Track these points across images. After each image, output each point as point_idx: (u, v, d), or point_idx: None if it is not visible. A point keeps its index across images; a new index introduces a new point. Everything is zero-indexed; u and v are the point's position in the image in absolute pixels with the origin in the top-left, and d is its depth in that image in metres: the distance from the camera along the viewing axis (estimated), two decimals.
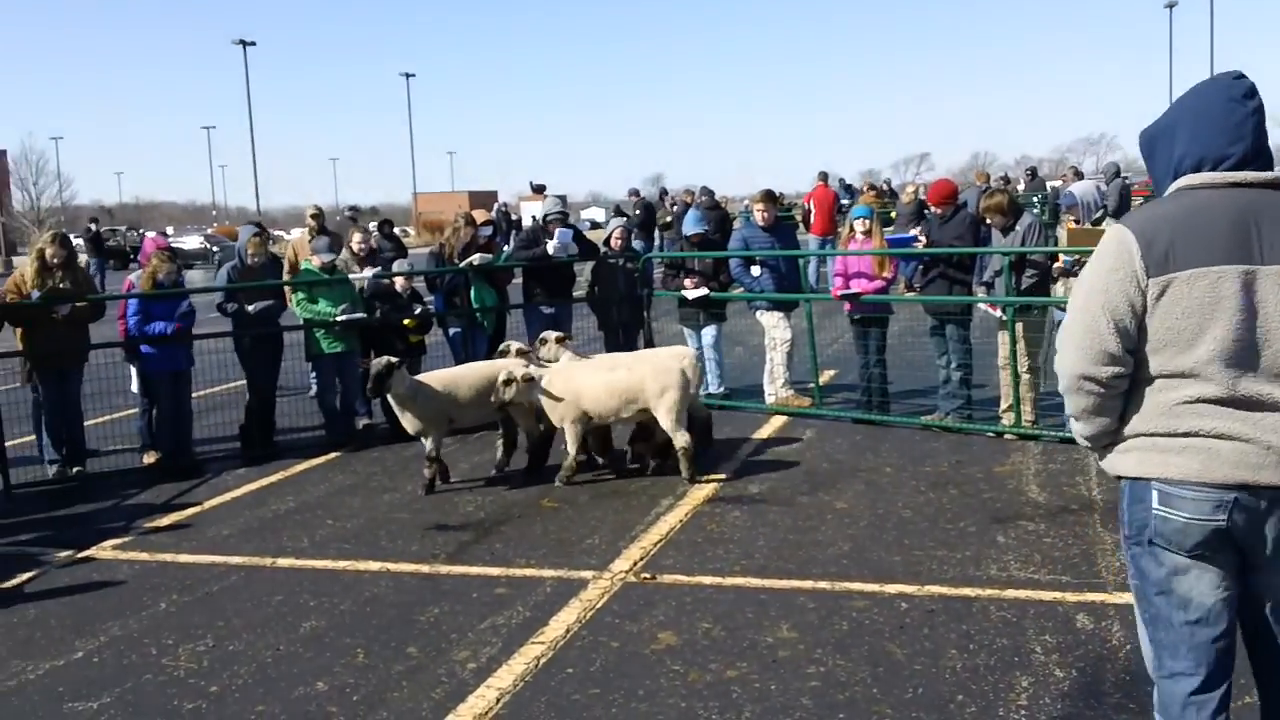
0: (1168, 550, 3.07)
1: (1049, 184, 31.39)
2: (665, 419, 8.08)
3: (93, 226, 37.71)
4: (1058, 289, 9.02)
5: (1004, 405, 9.33)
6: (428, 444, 8.34)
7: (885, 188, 32.36)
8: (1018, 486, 7.79)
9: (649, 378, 8.11)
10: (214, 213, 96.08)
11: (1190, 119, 3.14)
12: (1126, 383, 3.13)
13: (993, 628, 5.35)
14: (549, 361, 8.95)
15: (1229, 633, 3.09)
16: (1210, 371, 3.00)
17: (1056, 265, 8.94)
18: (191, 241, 49.83)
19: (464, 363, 10.51)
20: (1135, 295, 3.04)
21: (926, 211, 18.27)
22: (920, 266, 9.91)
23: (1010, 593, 5.77)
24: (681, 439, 8.08)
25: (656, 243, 23.19)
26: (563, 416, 8.22)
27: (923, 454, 8.80)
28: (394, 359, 8.35)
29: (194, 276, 31.54)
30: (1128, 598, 5.57)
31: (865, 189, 26.41)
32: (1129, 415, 3.16)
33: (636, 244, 11.44)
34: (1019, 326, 9.00)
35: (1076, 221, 8.98)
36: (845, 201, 23.58)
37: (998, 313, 9.27)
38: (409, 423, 8.43)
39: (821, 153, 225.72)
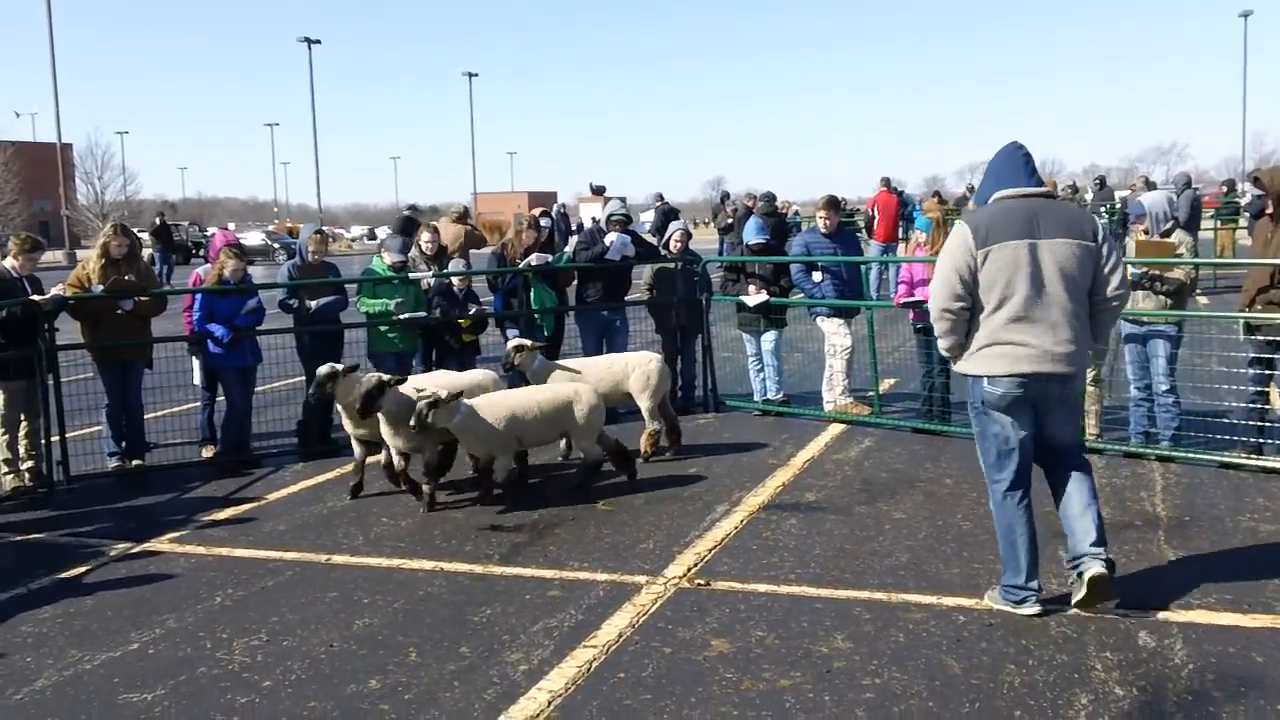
0: (995, 410, 5.54)
1: (1117, 194, 30.87)
2: (579, 440, 8.31)
3: (159, 220, 37.59)
4: None
5: None
6: (389, 456, 8.24)
7: (968, 193, 31.91)
8: None
9: (576, 401, 8.13)
10: (275, 209, 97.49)
11: (999, 166, 5.69)
12: (968, 314, 5.52)
13: (1052, 643, 5.24)
14: (518, 371, 8.95)
15: (1027, 455, 5.61)
16: (1012, 304, 5.38)
17: None
18: (253, 237, 50.63)
19: None
20: (970, 260, 5.44)
21: None
22: None
23: (1070, 609, 5.64)
24: (593, 453, 8.35)
25: (717, 246, 23.11)
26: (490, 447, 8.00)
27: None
28: (385, 377, 7.94)
29: (255, 272, 31.95)
30: (1191, 616, 5.47)
31: (931, 196, 26.15)
32: (971, 334, 5.55)
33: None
34: None
35: (1146, 232, 8.78)
36: (911, 204, 23.33)
37: None
38: (396, 442, 8.07)
39: (884, 158, 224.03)
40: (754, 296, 10.79)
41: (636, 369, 9.13)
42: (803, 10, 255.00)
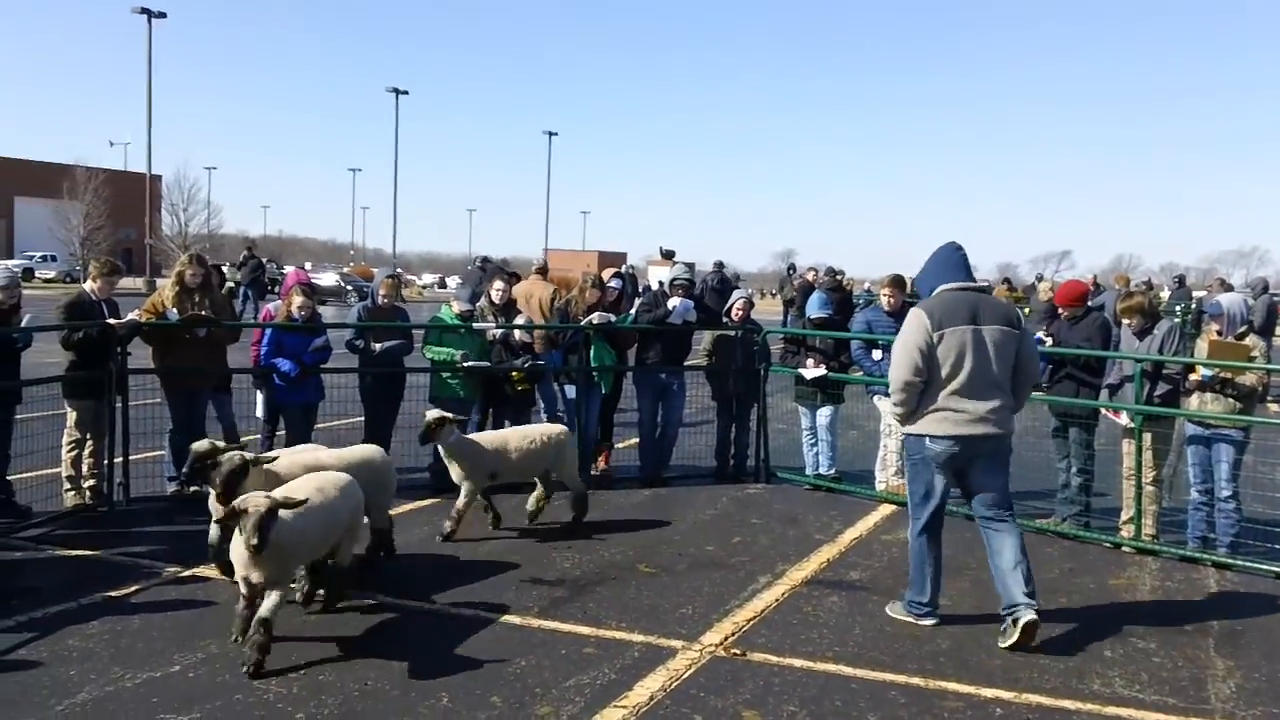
0: (933, 463, 6.65)
1: (1195, 293, 30.45)
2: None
3: (249, 253, 36.07)
4: (1191, 402, 8.69)
5: (1125, 516, 9.01)
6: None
7: (1036, 282, 31.63)
8: (1131, 600, 7.50)
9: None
10: (352, 252, 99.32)
11: (939, 262, 6.86)
12: (923, 386, 6.56)
13: None
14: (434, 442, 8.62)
15: (944, 501, 6.82)
16: (958, 379, 6.50)
17: (1193, 377, 8.62)
18: (328, 278, 51.50)
19: (577, 421, 10.65)
20: (927, 340, 6.51)
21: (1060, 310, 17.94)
22: (1049, 367, 9.67)
23: (1112, 709, 5.53)
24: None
25: (780, 318, 23.14)
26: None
27: (1035, 558, 8.44)
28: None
29: (326, 312, 32.52)
30: None
31: (1000, 284, 25.97)
32: (922, 404, 6.60)
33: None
34: (1146, 436, 8.71)
35: (1219, 333, 8.67)
36: None
37: (1123, 419, 8.98)
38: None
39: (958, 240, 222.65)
40: (812, 370, 10.79)
41: (553, 440, 9.03)
42: (880, 87, 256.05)
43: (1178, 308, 23.52)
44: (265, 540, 5.50)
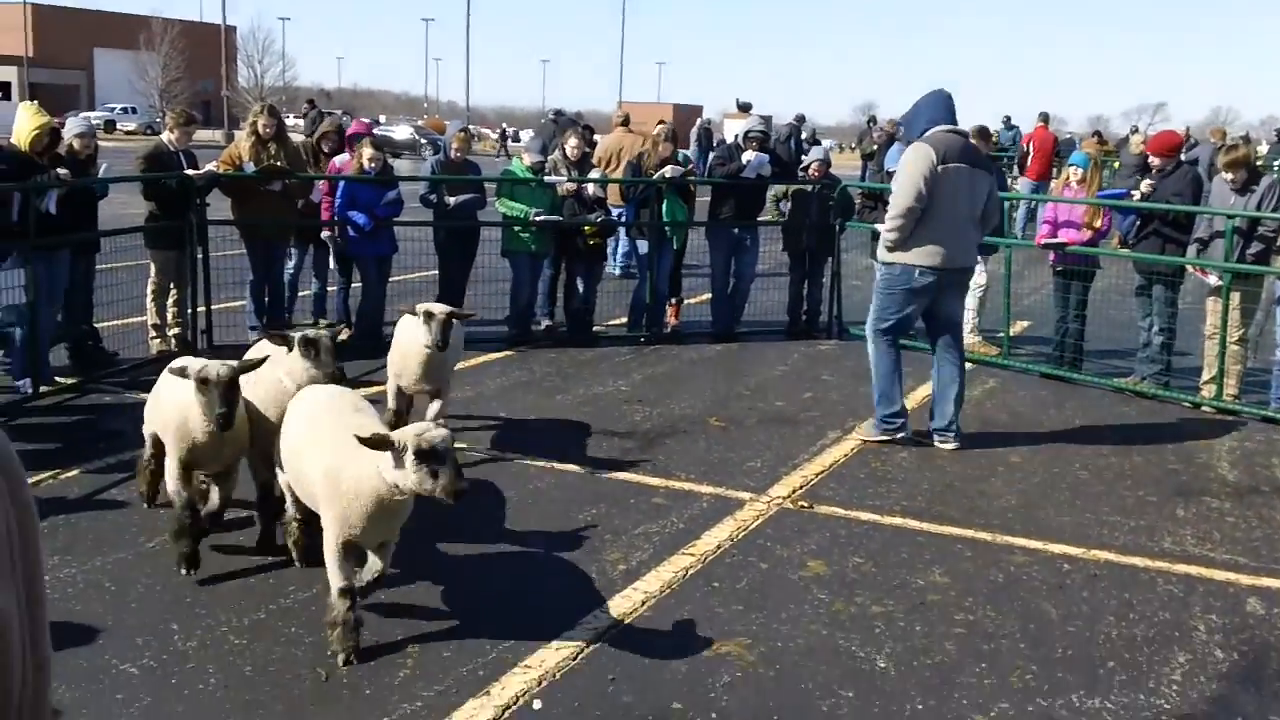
0: (913, 290, 7.13)
1: None
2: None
3: (309, 106, 35.56)
4: None
5: (1206, 376, 8.83)
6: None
7: (1130, 135, 30.49)
8: (1208, 461, 7.41)
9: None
10: (425, 105, 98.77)
11: (932, 105, 7.25)
12: (919, 214, 6.96)
13: (1157, 600, 5.15)
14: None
15: (911, 323, 7.49)
16: (950, 215, 7.02)
17: None
18: (402, 131, 51.21)
19: (649, 275, 10.62)
20: (931, 173, 6.90)
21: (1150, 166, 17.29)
22: (1137, 221, 9.38)
23: (1181, 567, 5.52)
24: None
25: (859, 172, 22.67)
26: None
27: (1110, 417, 8.43)
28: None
29: (402, 165, 32.53)
30: None
31: (1091, 136, 25.09)
32: (914, 235, 7.02)
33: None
34: (1234, 295, 8.46)
35: None
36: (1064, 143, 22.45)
37: (1211, 278, 8.72)
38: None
39: (1046, 93, 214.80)
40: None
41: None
42: None
43: (1276, 163, 22.53)
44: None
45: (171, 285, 9.33)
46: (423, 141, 48.57)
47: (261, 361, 5.11)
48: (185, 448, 5.03)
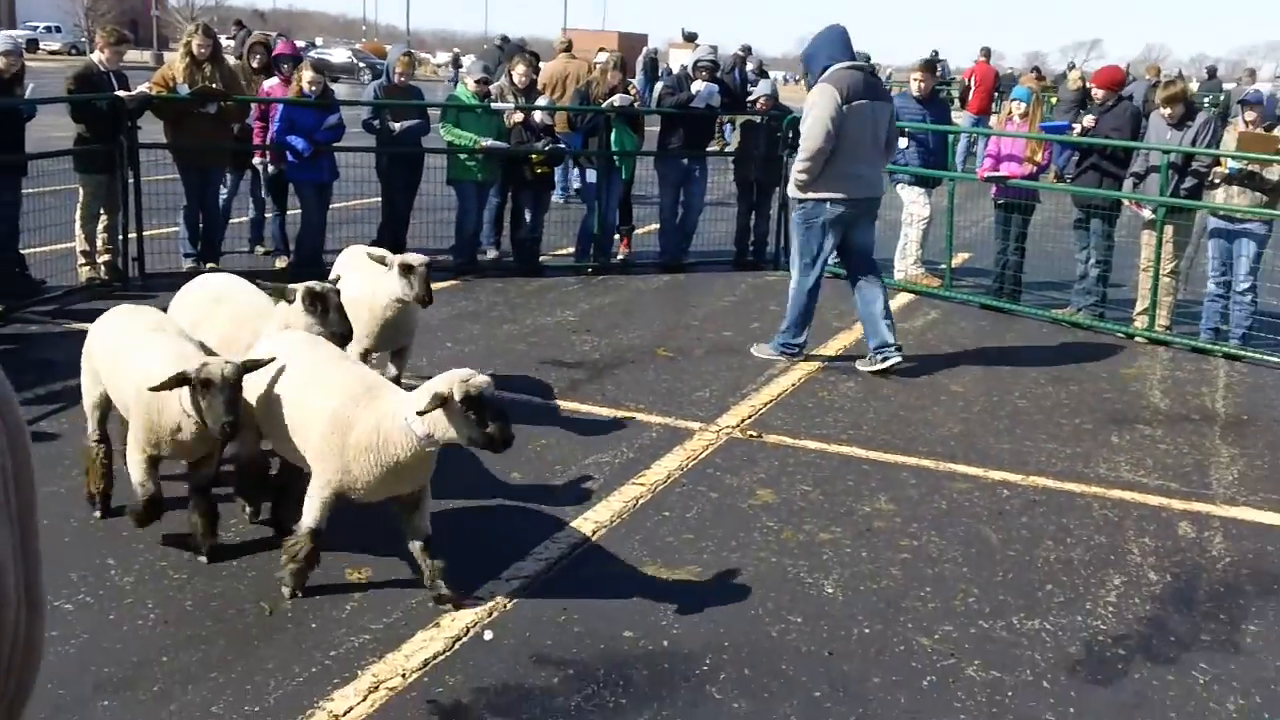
0: (828, 222, 7.43)
1: (1225, 85, 29.53)
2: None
3: (238, 26, 34.51)
4: (1217, 195, 8.57)
5: (1139, 307, 9.04)
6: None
7: (1067, 71, 30.65)
8: (1140, 390, 7.61)
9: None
10: (364, 28, 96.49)
11: (831, 43, 7.47)
12: (829, 152, 7.21)
13: (1093, 524, 5.32)
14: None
15: (829, 252, 7.65)
16: (857, 149, 7.29)
17: (1219, 170, 8.47)
18: (339, 55, 50.06)
19: (597, 205, 10.58)
20: (838, 111, 7.15)
21: (1089, 100, 17.46)
22: (1075, 156, 9.51)
23: (1116, 493, 5.71)
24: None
25: None
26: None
27: (1048, 347, 8.62)
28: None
29: (340, 90, 31.80)
30: (1235, 512, 5.51)
31: (1030, 72, 25.23)
32: (825, 171, 7.27)
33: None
34: (1167, 229, 8.64)
35: (1250, 123, 8.46)
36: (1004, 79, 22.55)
37: (1145, 212, 8.89)
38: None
39: (987, 30, 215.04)
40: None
41: None
42: None
43: (1206, 99, 22.85)
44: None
45: (101, 211, 9.08)
46: (361, 65, 47.58)
47: (268, 361, 4.35)
48: (161, 441, 4.39)
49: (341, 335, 4.80)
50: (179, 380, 4.05)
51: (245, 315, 5.21)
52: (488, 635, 4.11)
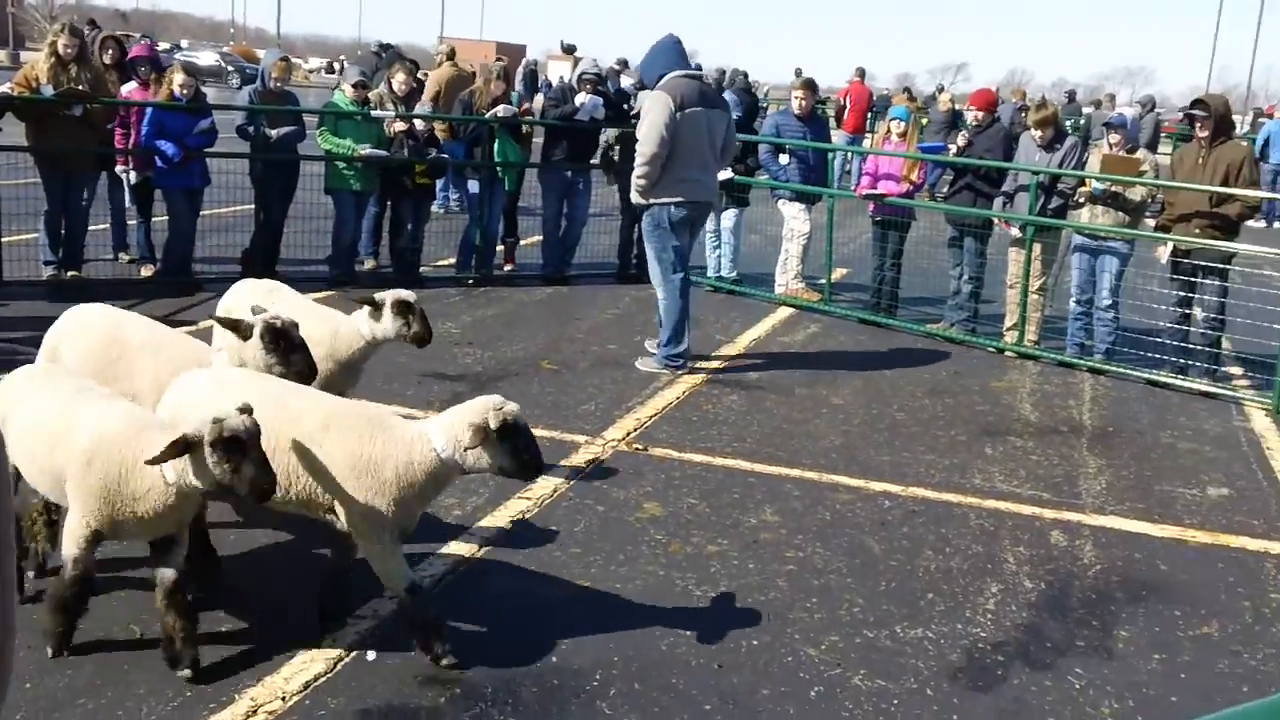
0: (674, 226, 7.69)
1: (1084, 109, 30.82)
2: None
3: (91, 25, 33.16)
4: (1082, 214, 8.90)
5: (1009, 322, 9.33)
6: None
7: (936, 93, 31.62)
8: (1011, 403, 7.85)
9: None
10: (232, 31, 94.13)
11: (666, 52, 7.78)
12: (664, 159, 7.47)
13: (970, 534, 5.45)
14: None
15: (686, 256, 7.88)
16: (693, 154, 7.57)
17: (1083, 190, 8.81)
18: (207, 58, 48.62)
19: (480, 216, 10.47)
20: (672, 119, 7.39)
21: (959, 122, 18.00)
22: (952, 175, 9.79)
23: (991, 503, 5.86)
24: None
25: None
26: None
27: (923, 361, 8.83)
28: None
29: (209, 94, 30.94)
30: (1104, 520, 5.71)
31: (901, 93, 25.94)
32: (663, 177, 7.53)
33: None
34: (1035, 246, 8.94)
35: (1113, 146, 8.81)
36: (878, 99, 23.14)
37: (1014, 230, 9.19)
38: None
39: (858, 51, 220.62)
40: (720, 173, 10.69)
41: None
42: None
43: (1068, 123, 23.80)
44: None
45: None
46: (230, 69, 46.41)
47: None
48: (117, 518, 3.67)
49: (304, 376, 4.40)
50: (183, 447, 3.44)
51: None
52: (371, 655, 4.01)
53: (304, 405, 4.02)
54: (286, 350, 4.36)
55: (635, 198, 7.85)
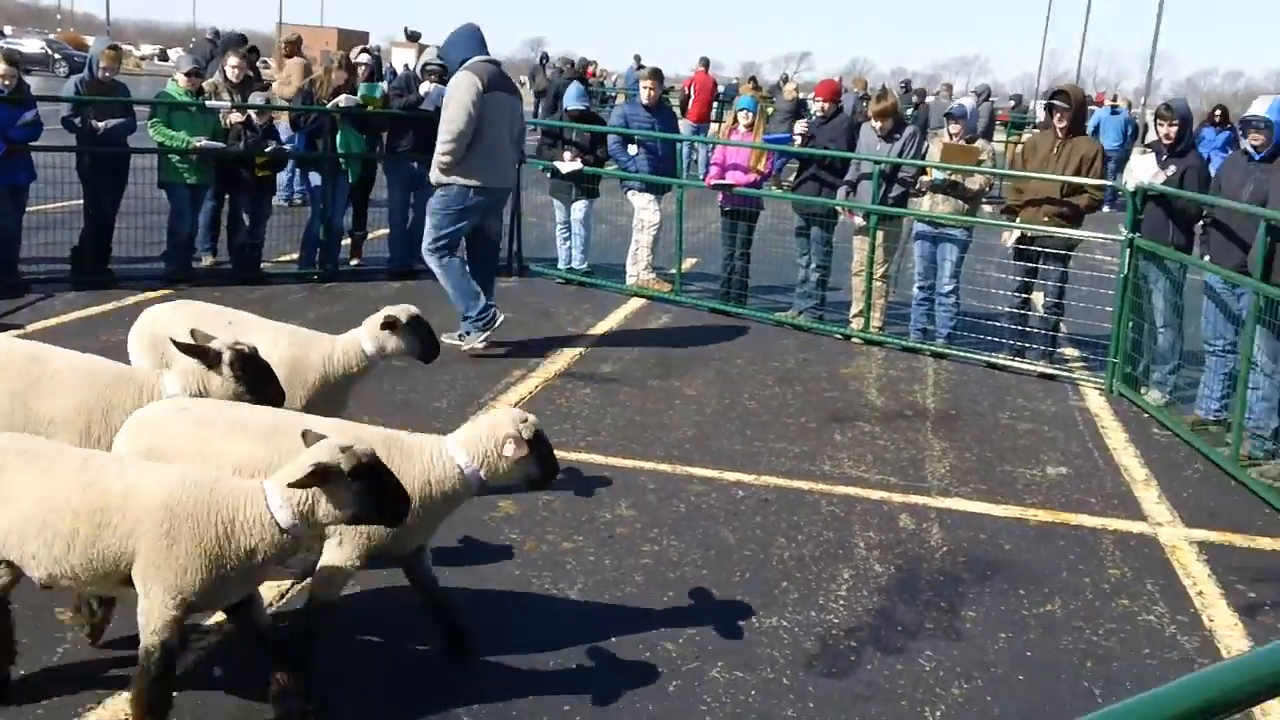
0: (468, 208, 7.90)
1: (928, 99, 31.79)
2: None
3: None
4: (922, 203, 9.18)
5: (855, 310, 9.55)
6: None
7: (781, 82, 32.15)
8: (859, 389, 8.03)
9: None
10: (58, 16, 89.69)
11: (465, 39, 7.92)
12: (469, 138, 7.61)
13: (821, 520, 5.55)
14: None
15: (497, 240, 8.77)
16: (494, 138, 7.77)
17: (925, 179, 9.08)
18: (31, 45, 46.14)
19: (322, 209, 10.19)
20: (478, 98, 7.57)
21: (803, 111, 18.33)
22: (797, 165, 9.96)
23: (841, 489, 5.98)
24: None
25: (531, 110, 22.65)
26: None
27: (773, 349, 8.96)
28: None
29: (34, 84, 29.41)
30: (949, 503, 5.88)
31: (747, 82, 26.28)
32: (466, 157, 7.68)
33: None
34: (879, 235, 9.16)
35: (953, 135, 9.08)
36: (723, 89, 23.41)
37: (857, 219, 9.39)
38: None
39: (702, 40, 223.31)
40: (568, 164, 10.65)
41: None
42: None
43: (907, 112, 24.52)
44: None
45: None
46: (57, 57, 44.18)
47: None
48: (225, 574, 3.26)
49: (274, 404, 4.17)
50: (324, 474, 3.16)
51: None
52: (217, 671, 3.85)
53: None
54: (255, 378, 4.16)
55: (435, 175, 7.92)
